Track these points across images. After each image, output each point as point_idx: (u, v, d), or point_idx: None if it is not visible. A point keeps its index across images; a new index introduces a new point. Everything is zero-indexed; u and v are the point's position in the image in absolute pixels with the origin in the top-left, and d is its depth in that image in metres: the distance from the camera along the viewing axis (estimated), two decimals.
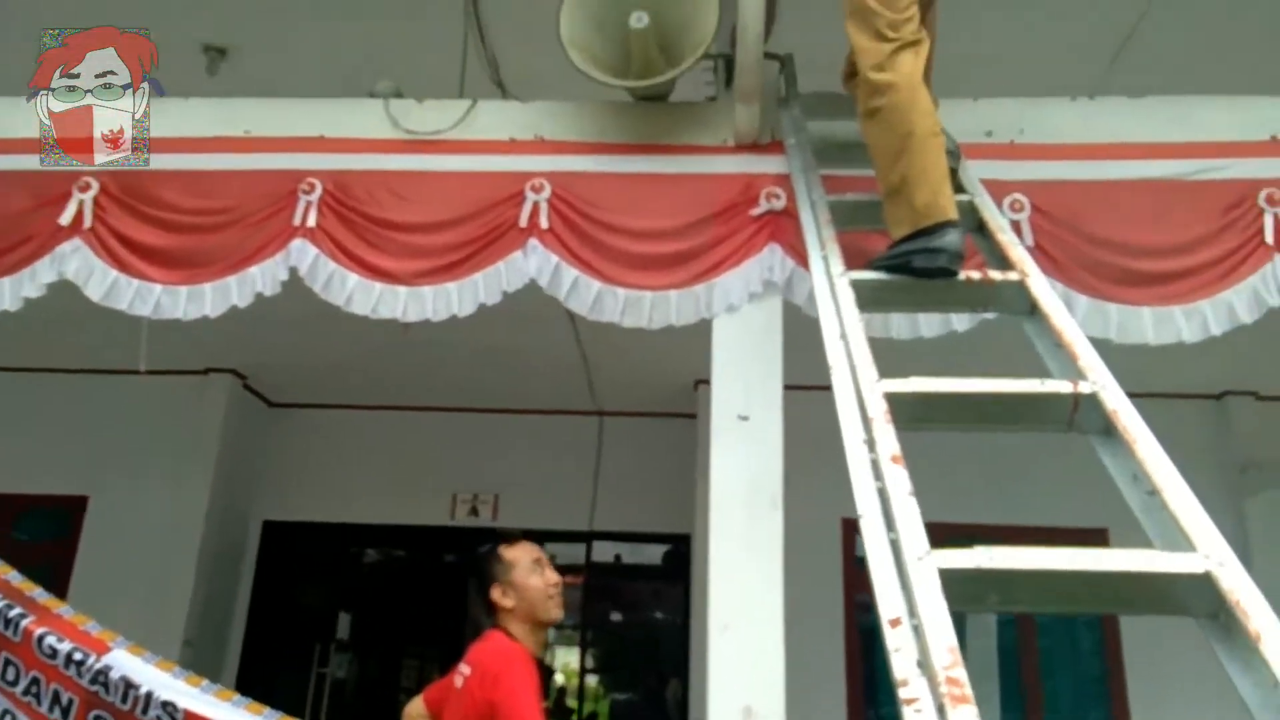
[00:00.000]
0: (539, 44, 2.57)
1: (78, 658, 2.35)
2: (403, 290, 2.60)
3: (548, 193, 2.63)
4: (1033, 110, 2.67)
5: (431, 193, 2.69)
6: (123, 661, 2.35)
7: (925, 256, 1.94)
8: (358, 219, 2.66)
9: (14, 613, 2.41)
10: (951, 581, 1.18)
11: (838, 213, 2.20)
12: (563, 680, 6.85)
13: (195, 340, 3.52)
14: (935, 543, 1.23)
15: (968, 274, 1.96)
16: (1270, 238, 2.44)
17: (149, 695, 2.30)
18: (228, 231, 2.67)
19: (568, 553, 6.45)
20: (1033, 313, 1.86)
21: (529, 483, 6.35)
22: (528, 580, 2.30)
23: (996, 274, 1.96)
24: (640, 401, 6.28)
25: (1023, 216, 2.50)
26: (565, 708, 6.59)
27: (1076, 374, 1.61)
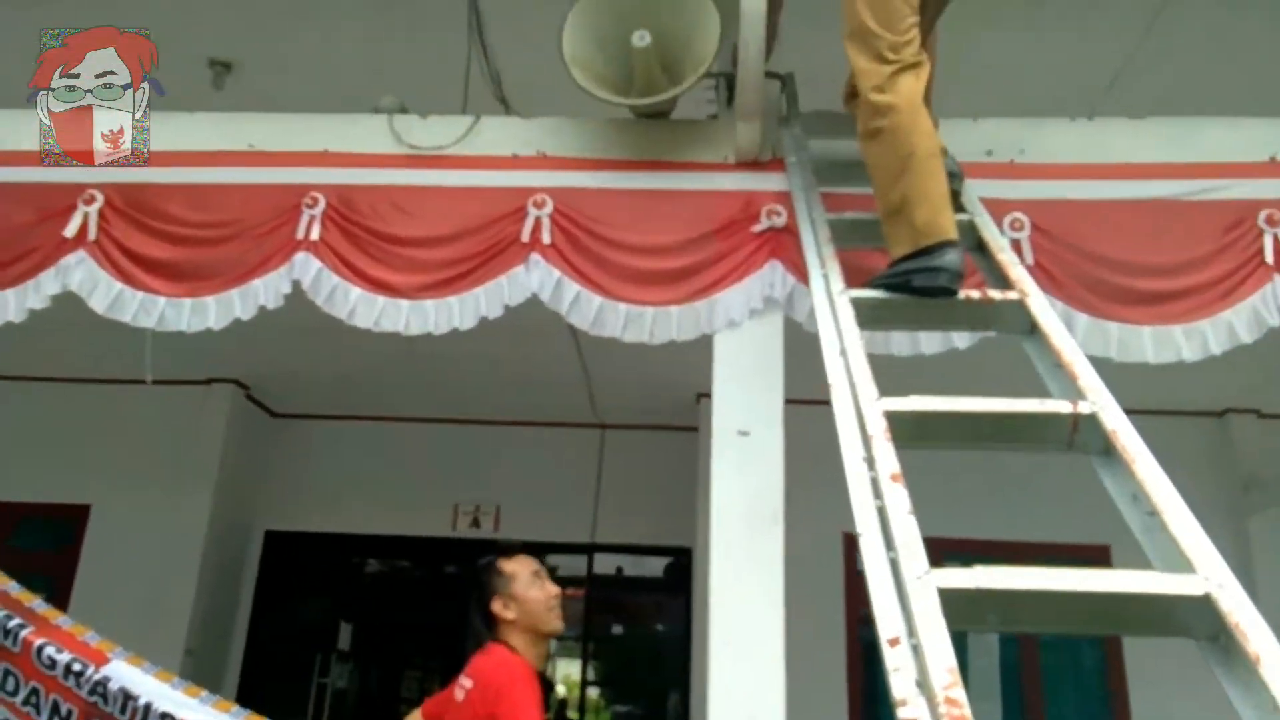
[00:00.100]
0: (542, 61, 2.58)
1: (77, 668, 2.35)
2: (405, 304, 2.61)
3: (550, 208, 2.65)
4: (1033, 130, 2.68)
5: (434, 207, 2.71)
6: (121, 672, 2.35)
7: (925, 275, 1.94)
8: (361, 233, 2.67)
9: (13, 623, 2.41)
10: (951, 601, 1.19)
11: (838, 230, 2.22)
12: (564, 692, 6.82)
13: (198, 351, 3.52)
14: (937, 557, 1.23)
15: (967, 293, 1.97)
16: (1270, 258, 2.45)
17: (148, 706, 2.30)
18: (231, 244, 2.69)
19: (570, 565, 6.43)
20: (1032, 332, 1.86)
21: (531, 495, 6.34)
22: (528, 592, 2.31)
23: (996, 293, 1.97)
24: (642, 414, 6.27)
25: (1023, 235, 2.51)
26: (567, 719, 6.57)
27: (1076, 394, 1.62)
